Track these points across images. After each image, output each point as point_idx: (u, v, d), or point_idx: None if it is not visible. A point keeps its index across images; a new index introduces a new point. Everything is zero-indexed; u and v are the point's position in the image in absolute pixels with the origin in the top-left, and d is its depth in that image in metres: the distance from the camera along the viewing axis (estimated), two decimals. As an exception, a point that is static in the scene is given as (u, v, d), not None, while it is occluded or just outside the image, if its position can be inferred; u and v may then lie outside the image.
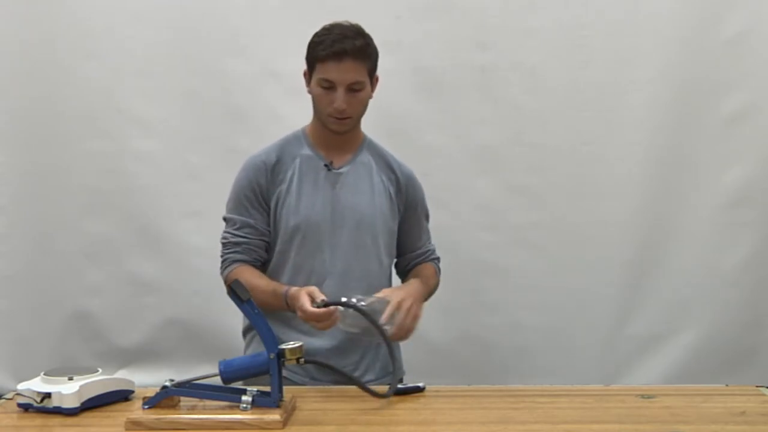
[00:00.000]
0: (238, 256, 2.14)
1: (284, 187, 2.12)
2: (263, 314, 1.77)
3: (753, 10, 2.94)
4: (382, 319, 1.91)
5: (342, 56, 2.04)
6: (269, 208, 2.13)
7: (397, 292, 2.02)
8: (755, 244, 3.00)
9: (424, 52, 2.98)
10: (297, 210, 2.11)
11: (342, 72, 2.05)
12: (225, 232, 2.17)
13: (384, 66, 2.95)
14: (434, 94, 2.99)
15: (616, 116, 2.99)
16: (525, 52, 2.97)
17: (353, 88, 2.07)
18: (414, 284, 2.12)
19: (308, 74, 2.13)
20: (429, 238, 2.33)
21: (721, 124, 2.98)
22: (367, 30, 2.96)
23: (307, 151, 2.16)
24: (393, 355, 1.94)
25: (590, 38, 2.96)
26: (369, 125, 2.99)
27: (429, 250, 2.32)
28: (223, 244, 2.17)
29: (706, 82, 2.96)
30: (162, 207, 3.05)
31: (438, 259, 2.32)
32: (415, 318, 2.01)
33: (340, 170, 2.16)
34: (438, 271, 2.30)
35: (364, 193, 2.17)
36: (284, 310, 2.03)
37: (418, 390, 1.96)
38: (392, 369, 1.94)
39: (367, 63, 2.10)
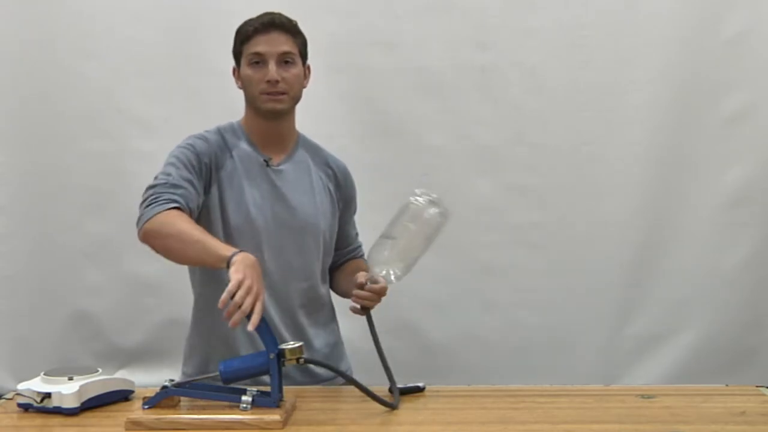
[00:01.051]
0: (176, 198, 1.91)
1: (225, 176, 2.03)
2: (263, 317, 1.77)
3: (753, 10, 2.95)
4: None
5: (269, 28, 2.01)
6: (204, 185, 2.00)
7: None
8: (755, 244, 3.01)
9: (424, 52, 2.97)
10: (239, 207, 2.02)
11: (271, 43, 2.00)
12: (161, 174, 1.96)
13: (384, 66, 2.99)
14: (434, 94, 2.99)
15: (616, 116, 2.99)
16: (525, 52, 2.97)
17: (285, 60, 2.02)
18: None
19: (237, 69, 2.08)
20: (357, 234, 2.30)
21: (721, 124, 2.99)
22: (368, 30, 2.99)
23: (244, 145, 2.07)
24: (388, 369, 1.91)
25: (590, 38, 2.96)
26: (368, 125, 3.02)
27: (359, 246, 2.29)
28: (154, 185, 1.93)
29: (706, 82, 2.97)
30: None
31: (363, 255, 2.29)
32: None
33: (279, 167, 2.09)
34: None
35: (305, 193, 2.11)
36: (211, 261, 1.80)
37: (418, 390, 1.96)
38: (389, 379, 1.92)
39: (297, 39, 2.05)
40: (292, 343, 1.76)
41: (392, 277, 1.91)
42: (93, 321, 3.07)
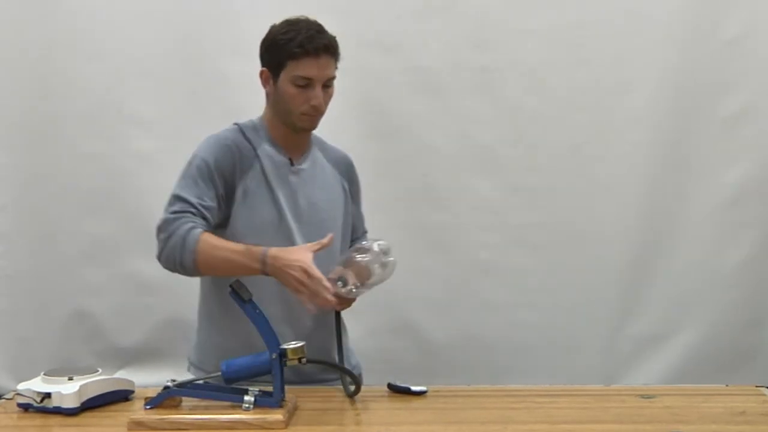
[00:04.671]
0: (202, 224, 1.99)
1: (252, 177, 2.05)
2: (264, 314, 1.78)
3: (752, 12, 2.96)
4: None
5: (320, 52, 2.01)
6: (224, 193, 2.04)
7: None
8: (755, 244, 3.01)
9: (423, 52, 2.98)
10: (263, 208, 2.05)
11: (321, 68, 2.02)
12: (181, 207, 2.03)
13: (384, 66, 3.00)
14: (434, 94, 2.99)
15: (616, 116, 3.00)
16: (525, 52, 2.97)
17: (327, 84, 2.06)
18: None
19: (271, 73, 2.07)
20: (364, 220, 2.33)
21: (720, 125, 2.99)
22: (368, 30, 3.00)
23: (267, 146, 2.09)
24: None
25: (589, 38, 2.96)
26: (368, 125, 3.01)
27: (366, 231, 2.33)
28: (173, 218, 2.01)
29: (705, 83, 2.97)
30: (162, 207, 3.04)
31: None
32: None
33: (301, 167, 2.12)
34: None
35: (323, 189, 2.15)
36: (251, 271, 1.92)
37: (421, 393, 1.96)
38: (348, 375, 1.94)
39: (337, 57, 2.08)
40: (293, 342, 1.77)
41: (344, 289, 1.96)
42: (93, 321, 3.06)
